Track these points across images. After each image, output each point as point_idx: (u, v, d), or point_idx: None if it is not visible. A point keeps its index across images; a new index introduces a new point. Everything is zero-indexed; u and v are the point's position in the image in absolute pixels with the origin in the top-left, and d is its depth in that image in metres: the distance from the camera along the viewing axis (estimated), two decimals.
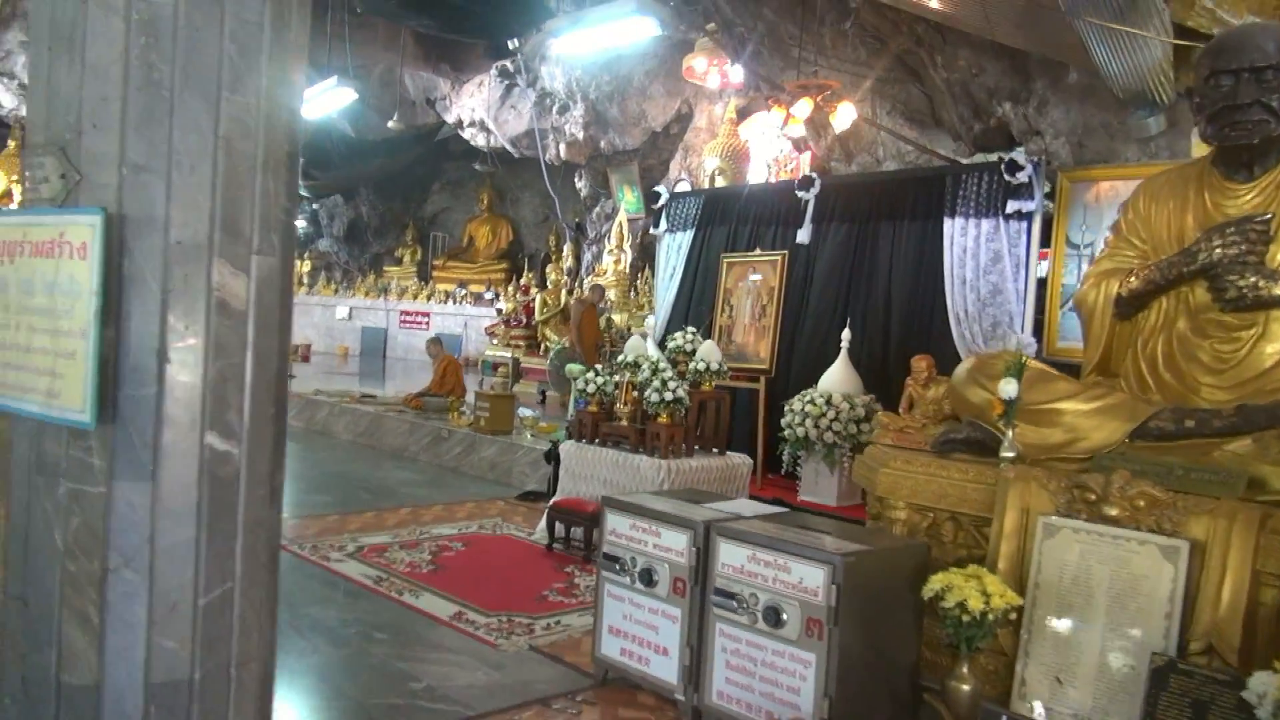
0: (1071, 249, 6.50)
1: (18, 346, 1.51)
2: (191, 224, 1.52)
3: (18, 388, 1.52)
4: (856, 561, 3.39)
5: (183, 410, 1.53)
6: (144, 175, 1.50)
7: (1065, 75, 6.50)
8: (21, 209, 1.54)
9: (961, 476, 4.05)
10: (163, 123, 1.51)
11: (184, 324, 1.52)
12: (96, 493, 1.49)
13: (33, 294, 1.50)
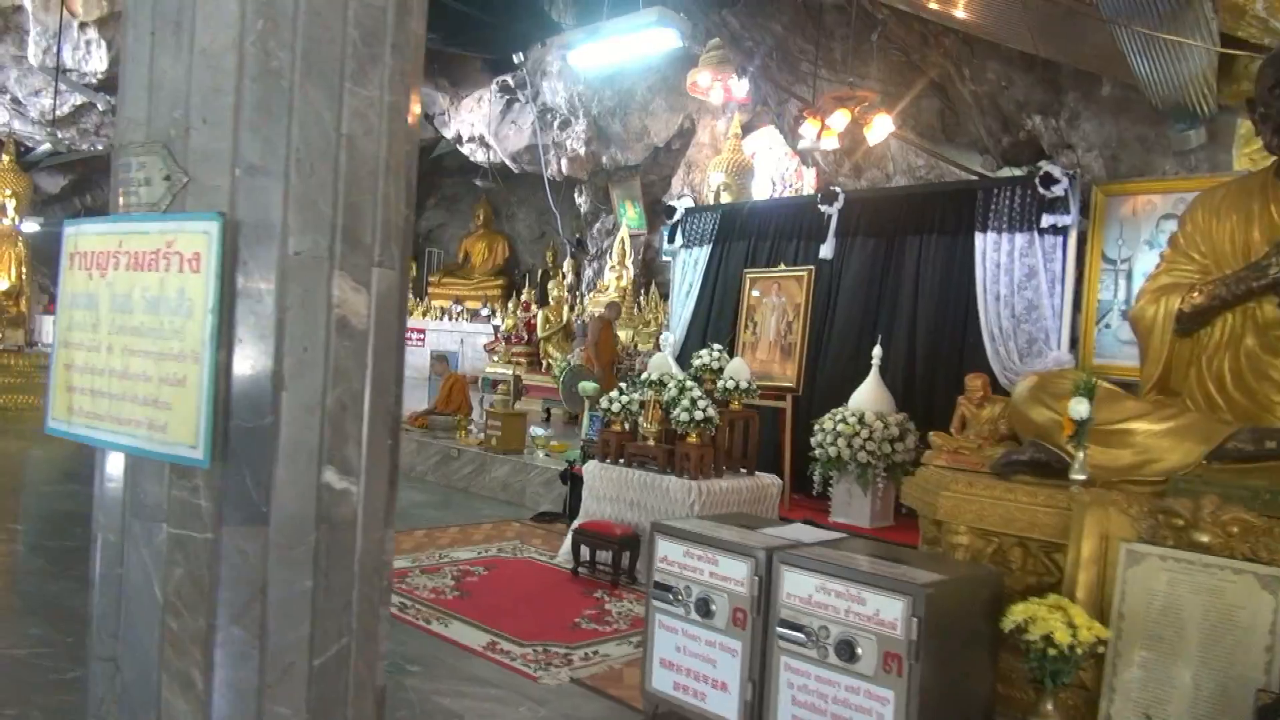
0: (1108, 264, 6.37)
1: (112, 372, 1.32)
2: (311, 232, 1.34)
3: (113, 419, 1.33)
4: (937, 592, 3.21)
5: (299, 444, 1.34)
6: (260, 177, 1.32)
7: (1098, 87, 6.39)
8: (115, 216, 1.35)
9: (1030, 500, 3.89)
10: (281, 118, 1.32)
11: (302, 346, 1.33)
12: (203, 539, 1.30)
13: (131, 312, 1.31)
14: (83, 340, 1.39)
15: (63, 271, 1.47)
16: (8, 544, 6.13)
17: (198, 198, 1.31)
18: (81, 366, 1.39)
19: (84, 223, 1.44)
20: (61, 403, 1.42)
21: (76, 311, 1.41)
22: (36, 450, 10.42)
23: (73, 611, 4.90)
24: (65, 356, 1.41)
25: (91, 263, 1.39)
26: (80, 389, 1.39)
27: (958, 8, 6.22)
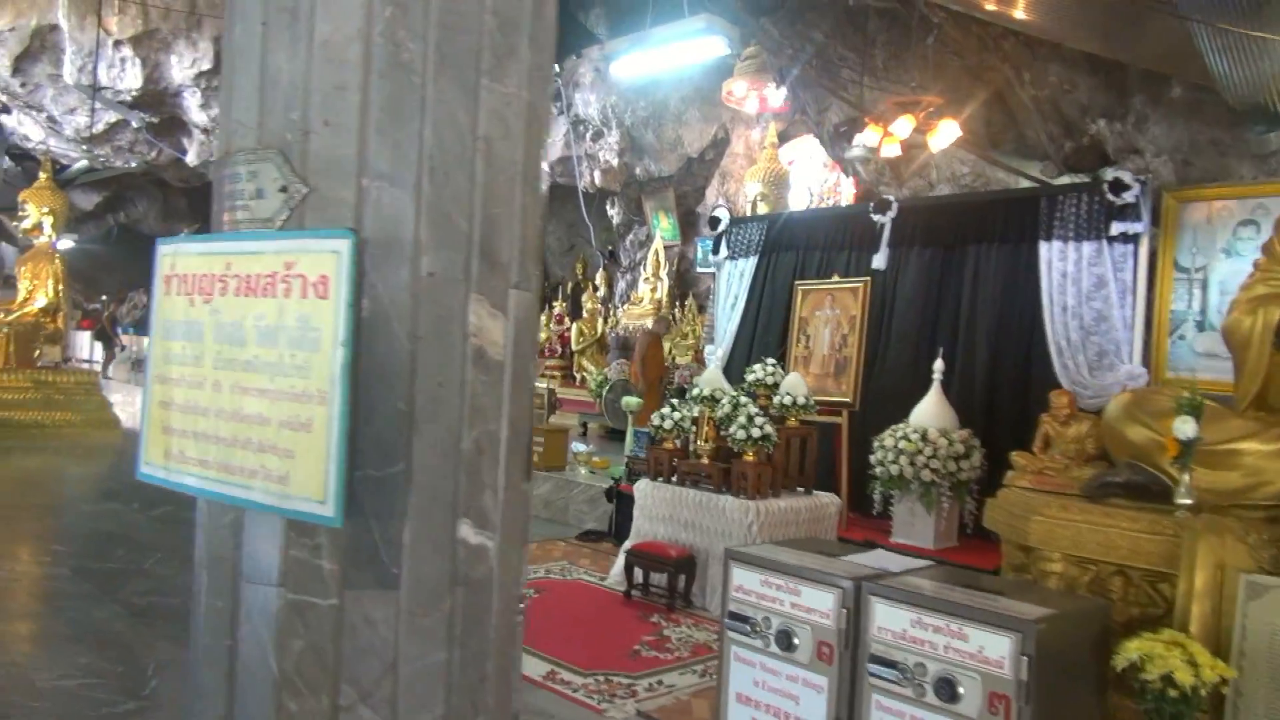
0: (1181, 273, 6.11)
1: (220, 413, 1.15)
2: (445, 250, 1.16)
3: (221, 467, 1.15)
4: (1048, 628, 2.98)
5: (432, 494, 1.16)
6: (389, 187, 1.14)
7: (1168, 89, 6.15)
8: (220, 233, 1.18)
9: (1132, 526, 3.65)
10: (412, 119, 1.15)
11: (436, 382, 1.15)
12: (326, 606, 1.12)
13: (242, 344, 1.13)
14: (183, 375, 1.21)
15: (156, 297, 1.29)
16: (51, 566, 6.01)
17: (319, 212, 1.14)
18: (182, 405, 1.21)
19: (182, 242, 1.26)
20: (157, 446, 1.25)
21: (174, 343, 1.23)
22: (74, 468, 10.36)
23: (120, 639, 4.76)
24: (161, 393, 1.24)
25: (193, 287, 1.22)
26: (180, 431, 1.21)
27: (1018, 7, 6.01)
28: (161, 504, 8.28)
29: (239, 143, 1.19)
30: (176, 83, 15.92)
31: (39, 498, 8.43)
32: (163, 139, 17.45)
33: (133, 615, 5.14)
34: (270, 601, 1.14)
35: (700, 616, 5.70)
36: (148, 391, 1.28)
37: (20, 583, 5.61)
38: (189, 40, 15.51)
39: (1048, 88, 6.63)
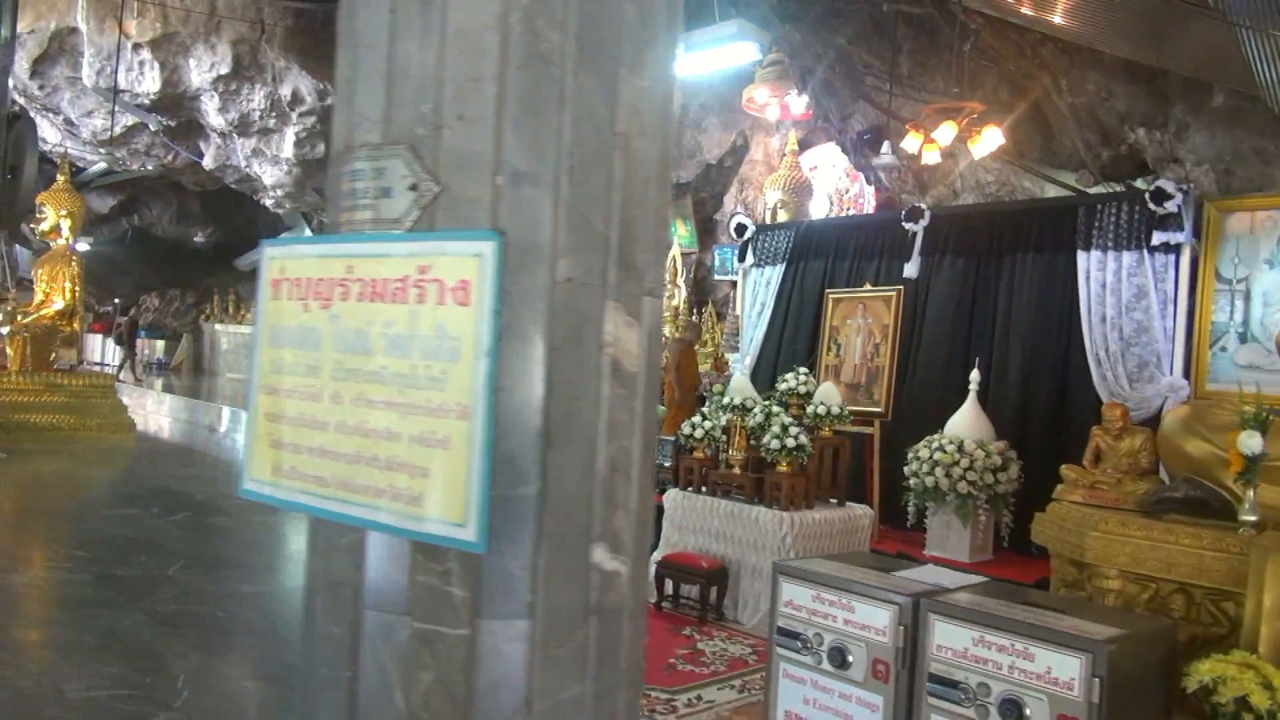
0: (1223, 284, 6.01)
1: (341, 427, 1.07)
2: (583, 254, 1.08)
3: (343, 485, 1.07)
4: (1119, 649, 2.89)
5: (568, 516, 1.08)
6: (526, 186, 1.06)
7: (1209, 98, 6.06)
8: (340, 235, 1.10)
9: (1195, 543, 3.55)
10: (551, 113, 1.07)
11: (573, 395, 1.07)
12: (456, 636, 1.04)
13: (368, 353, 1.05)
14: (296, 386, 1.13)
15: (262, 301, 1.22)
16: (73, 573, 5.94)
17: (451, 212, 1.06)
18: (295, 418, 1.13)
19: (293, 243, 1.19)
20: (264, 461, 1.17)
21: (286, 351, 1.15)
22: (91, 471, 10.31)
23: (149, 649, 4.69)
24: (270, 405, 1.16)
25: (307, 291, 1.14)
26: (292, 446, 1.14)
27: (1056, 12, 5.94)
28: (181, 509, 8.22)
29: (362, 137, 1.11)
30: (195, 86, 15.92)
31: (57, 502, 8.37)
32: (179, 142, 17.46)
33: (160, 624, 5.06)
34: (396, 631, 1.06)
35: (733, 629, 5.61)
36: (252, 403, 1.20)
37: (43, 589, 5.54)
38: (208, 44, 15.51)
39: (1085, 95, 6.54)
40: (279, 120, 16.67)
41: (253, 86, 16.21)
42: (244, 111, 16.50)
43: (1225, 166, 6.01)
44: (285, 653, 4.75)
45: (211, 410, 15.49)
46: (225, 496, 9.24)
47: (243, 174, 17.83)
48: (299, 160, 17.12)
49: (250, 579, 6.33)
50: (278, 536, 7.92)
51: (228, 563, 6.67)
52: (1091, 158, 6.64)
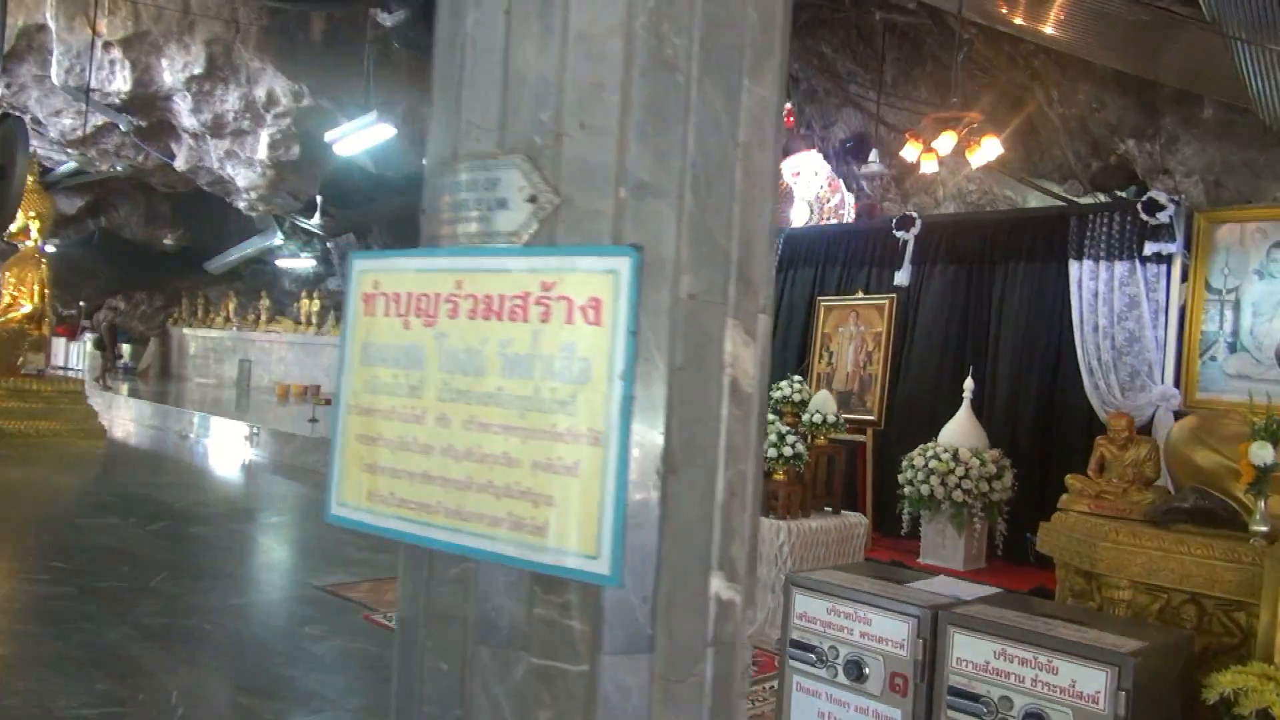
0: (1212, 294, 6.07)
1: (449, 451, 1.01)
2: (706, 270, 1.03)
3: (450, 512, 1.02)
4: (1144, 662, 2.88)
5: (688, 544, 1.03)
6: (649, 198, 1.01)
7: (1199, 110, 6.13)
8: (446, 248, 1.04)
9: (1207, 554, 3.57)
10: (675, 122, 1.02)
11: (695, 416, 1.03)
12: (576, 673, 0.99)
13: (481, 374, 1.00)
14: (395, 407, 1.07)
15: (352, 316, 1.15)
16: (53, 585, 5.78)
17: (573, 225, 1.01)
18: (394, 441, 1.07)
19: (388, 256, 1.13)
20: (356, 485, 1.11)
21: (383, 369, 1.09)
22: (63, 479, 10.07)
23: (138, 664, 4.56)
24: (362, 426, 1.10)
25: (408, 308, 1.08)
26: (390, 470, 1.08)
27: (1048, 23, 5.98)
28: (159, 518, 8.04)
29: (473, 147, 1.05)
30: (167, 86, 15.66)
31: (31, 511, 8.16)
32: (151, 143, 17.16)
33: (147, 638, 4.93)
34: (511, 667, 1.00)
35: None
36: (341, 424, 1.14)
37: (22, 602, 5.38)
38: (181, 43, 15.26)
39: (1076, 106, 6.60)
40: (253, 122, 16.44)
41: (226, 87, 15.98)
42: (217, 112, 16.25)
43: (1215, 178, 6.08)
44: (279, 667, 4.65)
45: (183, 416, 15.23)
46: (202, 505, 9.06)
47: (215, 176, 17.55)
48: (273, 162, 16.89)
49: (236, 591, 6.20)
50: (259, 547, 7.77)
51: (211, 574, 6.52)
52: (1081, 168, 6.70)
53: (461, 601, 1.04)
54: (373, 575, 6.51)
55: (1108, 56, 6.20)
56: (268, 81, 15.89)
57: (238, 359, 23.21)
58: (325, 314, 23.16)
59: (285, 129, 16.46)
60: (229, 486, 11.05)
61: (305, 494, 10.21)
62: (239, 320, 23.46)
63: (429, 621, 1.06)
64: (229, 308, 23.68)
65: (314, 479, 11.10)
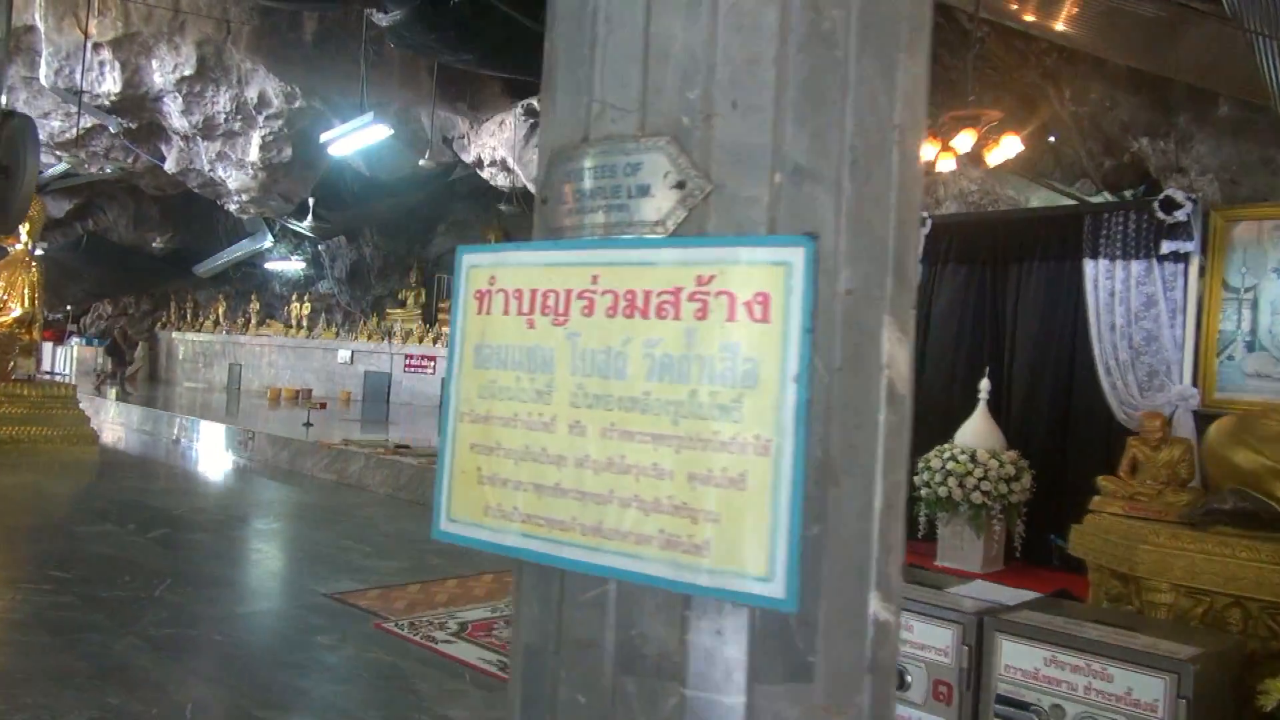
0: (1230, 293, 6.03)
1: (586, 462, 0.92)
2: (864, 263, 0.95)
3: (590, 531, 0.92)
4: (1203, 668, 2.81)
5: (847, 562, 0.95)
6: (807, 184, 0.92)
7: (1214, 108, 6.09)
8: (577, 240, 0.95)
9: (1253, 556, 3.50)
10: (834, 101, 0.93)
11: (855, 422, 0.94)
12: (732, 704, 0.90)
13: (624, 376, 0.91)
14: (516, 414, 0.98)
15: (463, 316, 1.06)
16: (55, 594, 5.65)
17: (725, 213, 0.92)
18: (516, 451, 0.98)
19: (504, 250, 1.04)
20: (470, 499, 1.01)
21: (501, 372, 1.00)
22: (58, 486, 9.91)
23: (148, 676, 4.44)
24: (477, 435, 1.01)
25: (533, 305, 0.99)
26: (511, 482, 0.98)
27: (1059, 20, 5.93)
28: (158, 525, 7.90)
29: (608, 129, 0.96)
30: (157, 87, 15.48)
31: (27, 519, 8.01)
32: (140, 145, 16.96)
33: (155, 649, 4.81)
34: (660, 699, 0.91)
35: None
36: (451, 433, 1.05)
37: (25, 612, 5.24)
38: (171, 44, 15.09)
39: (1088, 104, 6.55)
40: (244, 123, 16.27)
41: (217, 88, 15.81)
42: (208, 114, 16.07)
43: (1230, 176, 6.03)
44: (293, 678, 4.53)
45: (174, 421, 15.05)
46: (200, 510, 8.92)
47: (206, 178, 17.36)
48: (265, 164, 16.73)
49: (242, 599, 6.08)
50: (261, 553, 7.64)
51: (215, 582, 6.40)
52: (1094, 167, 6.64)
53: (601, 627, 0.94)
54: (380, 582, 6.40)
55: (1121, 53, 6.14)
56: (259, 83, 15.73)
57: (227, 363, 23.00)
58: (316, 317, 22.98)
59: (277, 130, 16.30)
60: (226, 492, 10.90)
61: (303, 499, 10.08)
62: (228, 324, 23.25)
63: (562, 649, 0.97)
64: (218, 311, 23.46)
65: (311, 483, 10.97)
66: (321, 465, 11.38)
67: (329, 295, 23.11)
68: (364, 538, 7.99)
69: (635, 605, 0.93)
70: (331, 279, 22.63)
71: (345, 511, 9.29)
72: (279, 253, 22.36)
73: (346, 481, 10.94)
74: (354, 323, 22.51)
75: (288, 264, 22.91)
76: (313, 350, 22.17)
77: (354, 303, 22.86)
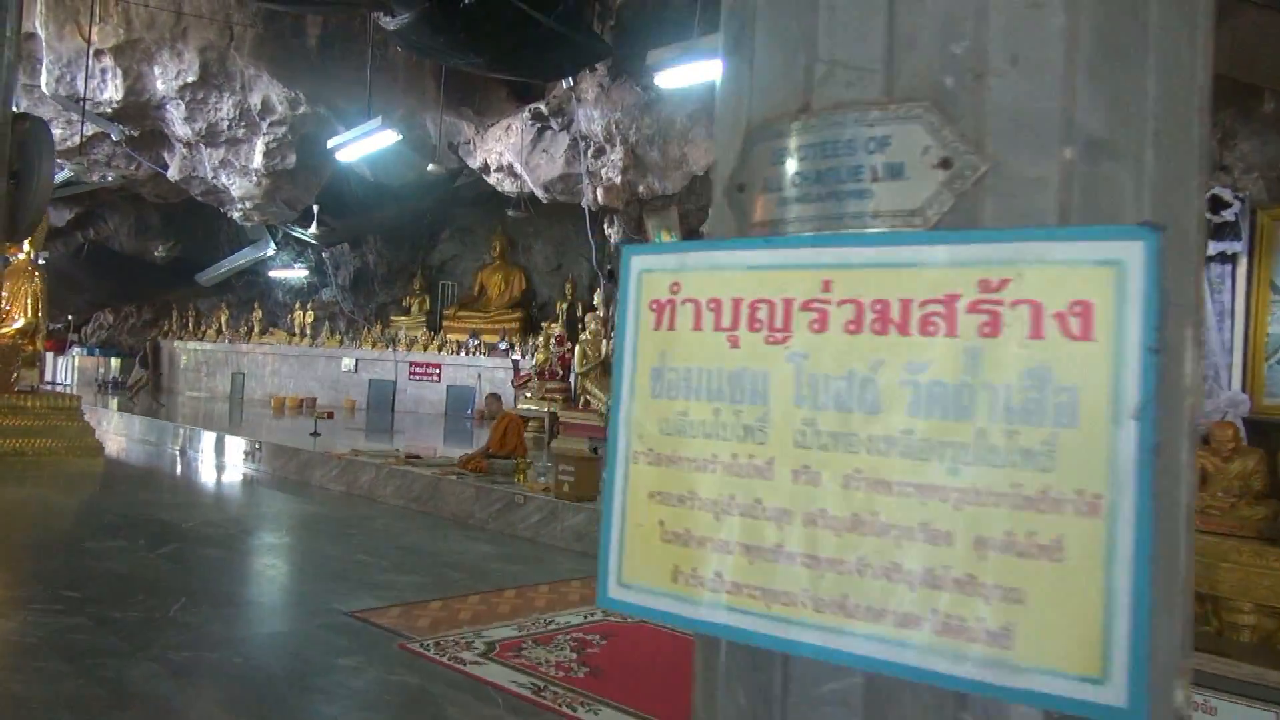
0: (1277, 294, 5.83)
1: (819, 519, 0.71)
2: (1169, 263, 0.74)
3: (834, 607, 0.72)
4: None
5: (1167, 649, 0.74)
6: (1105, 161, 0.72)
7: (1258, 104, 5.89)
8: (776, 238, 0.75)
9: None
10: (1135, 58, 0.73)
11: (1164, 466, 0.73)
12: None
13: (874, 410, 0.70)
14: (716, 455, 0.78)
15: (634, 330, 0.86)
16: (68, 616, 5.42)
17: (1003, 200, 0.72)
18: (715, 502, 0.78)
19: (687, 249, 0.83)
20: (650, 559, 0.81)
21: (693, 403, 0.80)
22: (63, 499, 9.69)
23: (170, 706, 4.22)
24: (658, 480, 0.80)
25: (735, 318, 0.78)
26: (713, 542, 0.78)
27: None
28: (168, 541, 7.68)
29: (839, 95, 0.76)
30: (160, 94, 15.30)
31: (34, 534, 7.78)
32: (142, 153, 16.77)
33: (174, 674, 4.59)
34: None
35: None
36: (621, 476, 0.84)
37: (38, 636, 5.02)
38: (174, 51, 14.91)
39: None
40: (248, 130, 16.09)
41: (221, 95, 15.63)
42: (211, 121, 15.90)
43: (1277, 174, 5.84)
44: (320, 704, 4.32)
45: (179, 432, 14.83)
46: (210, 525, 8.70)
47: (209, 185, 17.18)
48: (269, 171, 16.55)
49: (261, 619, 5.86)
50: (276, 570, 7.43)
51: (231, 601, 6.18)
52: None
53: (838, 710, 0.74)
54: (400, 599, 6.18)
55: None
56: (263, 89, 15.55)
57: (230, 372, 22.78)
58: (319, 325, 22.78)
59: (281, 137, 16.13)
60: (235, 505, 10.69)
61: (314, 511, 9.87)
62: (231, 332, 23.04)
63: None
64: (221, 320, 23.26)
65: (321, 495, 10.76)
66: (331, 476, 11.17)
67: (332, 303, 22.91)
68: (380, 551, 7.77)
69: (893, 705, 0.72)
70: (335, 286, 22.44)
71: (358, 524, 9.07)
72: (282, 260, 22.17)
73: (357, 493, 10.73)
74: (358, 330, 22.31)
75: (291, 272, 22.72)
76: (316, 358, 21.96)
77: (358, 310, 22.67)
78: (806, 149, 0.77)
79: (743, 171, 0.83)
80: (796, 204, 0.78)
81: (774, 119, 0.80)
